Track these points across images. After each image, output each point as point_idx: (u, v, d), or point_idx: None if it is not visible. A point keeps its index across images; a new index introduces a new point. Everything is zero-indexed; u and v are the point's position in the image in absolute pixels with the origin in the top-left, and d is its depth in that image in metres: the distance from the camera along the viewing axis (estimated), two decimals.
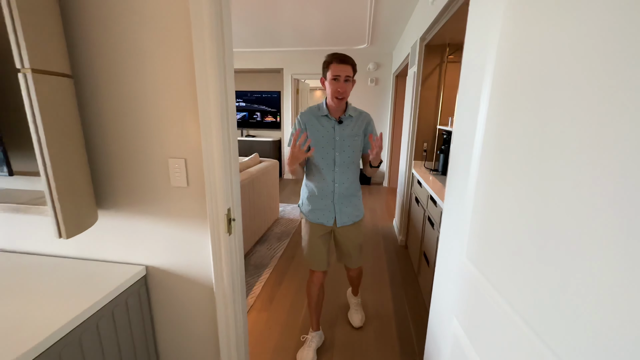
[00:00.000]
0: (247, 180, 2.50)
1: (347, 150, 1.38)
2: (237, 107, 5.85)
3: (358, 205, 1.49)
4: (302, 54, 5.04)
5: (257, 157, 3.24)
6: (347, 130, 1.38)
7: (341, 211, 1.45)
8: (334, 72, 1.30)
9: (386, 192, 4.88)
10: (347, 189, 1.42)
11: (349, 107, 1.40)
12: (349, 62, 1.31)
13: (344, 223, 1.46)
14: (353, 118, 1.40)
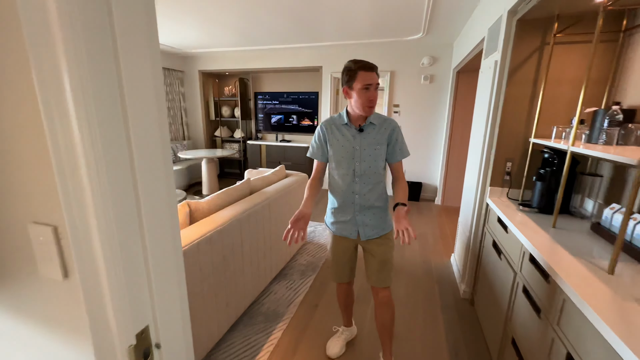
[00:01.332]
0: (262, 205, 1.96)
1: (368, 159, 1.33)
2: (273, 109, 5.44)
3: (384, 218, 1.40)
4: (343, 49, 4.43)
5: (283, 170, 2.70)
6: (368, 138, 1.32)
7: (364, 224, 1.38)
8: (364, 80, 1.24)
9: (439, 212, 4.05)
10: (368, 200, 1.36)
11: (372, 115, 1.32)
12: (375, 69, 1.27)
13: (368, 237, 1.40)
14: (375, 126, 1.33)
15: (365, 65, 1.24)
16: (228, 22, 3.37)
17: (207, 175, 4.51)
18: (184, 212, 1.58)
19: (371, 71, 1.25)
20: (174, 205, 0.58)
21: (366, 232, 1.39)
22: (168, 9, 3.00)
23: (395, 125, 1.36)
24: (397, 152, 1.35)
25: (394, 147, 1.34)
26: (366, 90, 1.24)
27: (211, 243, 1.46)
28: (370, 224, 1.38)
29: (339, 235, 1.45)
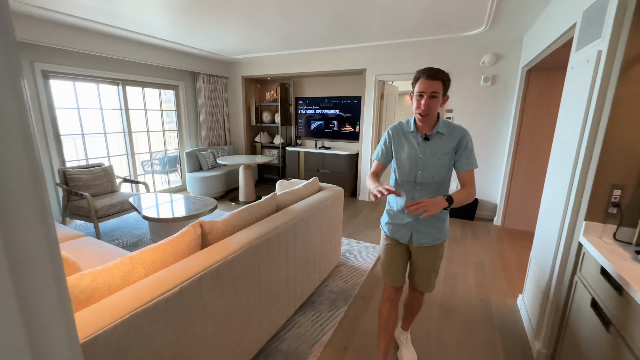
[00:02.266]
0: (287, 226, 1.70)
1: (431, 168, 1.31)
2: (313, 115, 5.24)
3: (441, 228, 1.39)
4: (390, 50, 4.06)
5: (317, 182, 2.43)
6: (433, 147, 1.30)
7: (419, 231, 1.39)
8: (419, 87, 1.23)
9: (499, 235, 3.44)
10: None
11: (439, 123, 1.30)
12: (439, 77, 1.21)
13: (421, 244, 1.39)
14: (444, 135, 1.30)
15: (427, 73, 1.22)
16: (269, 26, 3.23)
17: (244, 182, 4.43)
18: (194, 234, 1.38)
19: (430, 79, 1.21)
20: (54, 249, 0.32)
21: (420, 238, 1.39)
22: (212, 17, 2.95)
23: (464, 133, 1.30)
24: (464, 161, 1.30)
25: (461, 156, 1.31)
26: (419, 97, 1.24)
27: (218, 276, 1.23)
28: (426, 232, 1.38)
29: (391, 237, 1.46)
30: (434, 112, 1.26)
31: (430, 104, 1.23)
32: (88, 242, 2.07)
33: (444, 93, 1.24)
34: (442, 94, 1.23)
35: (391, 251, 1.47)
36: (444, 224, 1.39)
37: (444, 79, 1.22)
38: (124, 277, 1.10)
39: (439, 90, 1.21)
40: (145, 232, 3.29)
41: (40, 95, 3.26)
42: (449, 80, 1.25)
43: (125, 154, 4.30)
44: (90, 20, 3.09)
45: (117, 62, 3.91)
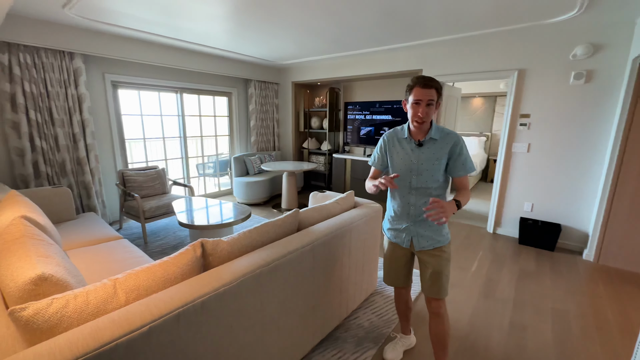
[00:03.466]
0: (303, 251, 1.45)
1: (425, 174, 1.35)
2: (362, 120, 4.93)
3: (439, 230, 1.41)
4: (450, 47, 3.55)
5: (352, 197, 2.14)
6: (427, 153, 1.35)
7: (418, 234, 1.42)
8: (415, 96, 1.28)
9: (591, 274, 2.68)
10: (423, 213, 1.35)
11: (432, 129, 1.35)
12: (433, 85, 1.27)
13: (422, 247, 1.42)
14: (437, 141, 1.34)
15: (422, 82, 1.26)
16: (317, 28, 3.07)
17: (286, 189, 4.33)
18: (192, 256, 1.22)
19: (425, 88, 1.26)
20: None
21: (420, 242, 1.42)
22: (263, 23, 2.92)
23: (457, 139, 1.35)
24: (459, 167, 1.34)
25: (456, 161, 1.34)
26: (416, 105, 1.29)
27: (204, 311, 1.04)
28: (425, 235, 1.41)
29: (394, 242, 1.52)
30: (430, 119, 1.31)
31: (427, 110, 1.27)
32: (121, 246, 2.11)
33: (437, 100, 1.29)
34: (436, 100, 1.28)
35: (391, 255, 1.55)
36: (443, 226, 1.41)
37: (438, 87, 1.28)
38: (100, 304, 0.97)
39: (434, 98, 1.27)
40: (187, 234, 3.37)
41: (109, 103, 3.60)
42: (441, 87, 1.30)
43: (180, 158, 4.56)
44: (154, 33, 3.31)
45: (177, 72, 4.16)
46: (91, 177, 3.38)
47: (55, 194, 2.53)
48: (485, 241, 3.37)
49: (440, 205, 1.15)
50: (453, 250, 3.11)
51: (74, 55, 3.13)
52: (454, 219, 4.07)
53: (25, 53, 2.84)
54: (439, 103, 1.31)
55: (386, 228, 1.56)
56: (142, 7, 2.53)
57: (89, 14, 2.69)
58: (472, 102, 7.02)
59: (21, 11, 2.60)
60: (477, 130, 7.07)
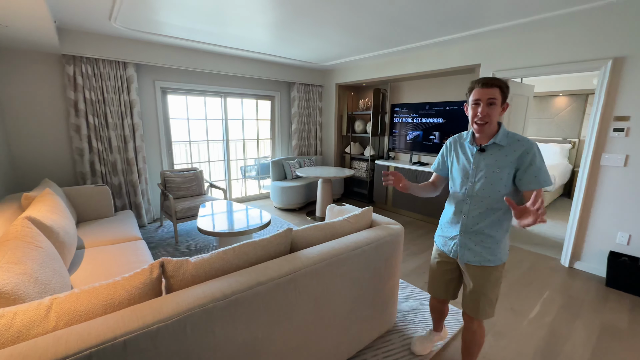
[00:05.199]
0: (279, 282, 1.21)
1: (483, 181, 1.26)
2: (409, 124, 4.45)
3: (492, 248, 1.27)
4: (516, 35, 2.92)
5: (369, 215, 1.83)
6: (488, 159, 1.25)
7: (466, 246, 1.32)
8: (474, 96, 1.22)
9: None
10: (477, 224, 1.28)
11: (499, 134, 1.23)
12: (495, 84, 1.19)
13: (467, 261, 1.33)
14: (502, 147, 1.23)
15: (482, 81, 1.20)
16: (359, 25, 2.83)
17: (321, 196, 4.12)
18: (147, 278, 1.08)
19: (486, 87, 1.19)
20: None
21: (465, 255, 1.33)
22: (305, 24, 2.83)
23: (529, 147, 1.19)
24: (531, 179, 1.18)
25: (526, 172, 1.19)
26: (475, 105, 1.23)
27: (130, 354, 0.87)
28: (474, 250, 1.30)
29: (440, 250, 1.46)
30: (493, 121, 1.21)
31: (489, 111, 1.19)
32: (135, 248, 2.14)
33: (502, 100, 1.20)
34: (500, 101, 1.19)
35: (438, 264, 1.48)
36: (498, 245, 1.28)
37: (502, 86, 1.19)
38: (23, 328, 0.88)
39: (495, 97, 1.18)
40: (214, 237, 3.39)
41: (158, 108, 3.86)
42: (507, 87, 1.21)
43: (222, 160, 4.71)
44: (199, 41, 3.45)
45: (221, 77, 4.30)
46: (138, 177, 3.65)
47: (96, 193, 2.75)
48: (556, 277, 2.66)
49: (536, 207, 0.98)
50: (508, 284, 2.51)
51: (127, 64, 3.41)
52: (514, 243, 3.35)
53: (86, 64, 3.18)
54: (505, 104, 1.22)
55: (437, 235, 1.51)
56: (181, 16, 2.60)
57: (133, 24, 2.87)
58: (554, 102, 5.88)
59: (73, 25, 2.88)
60: (560, 136, 5.89)
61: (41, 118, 3.14)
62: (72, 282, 1.67)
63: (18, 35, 2.44)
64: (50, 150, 3.23)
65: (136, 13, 2.57)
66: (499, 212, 1.25)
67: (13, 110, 2.99)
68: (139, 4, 2.37)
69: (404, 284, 2.47)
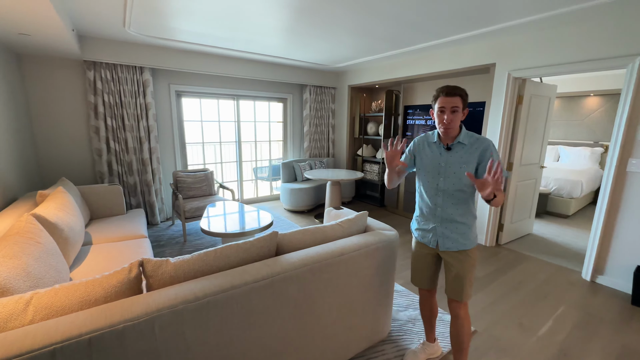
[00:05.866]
0: (248, 287, 1.20)
1: (452, 176, 1.40)
2: (423, 126, 4.32)
3: (466, 234, 1.44)
4: (534, 31, 2.75)
5: (364, 219, 1.79)
6: (455, 157, 1.40)
7: (444, 235, 1.46)
8: (440, 104, 1.36)
9: None
10: (451, 215, 1.43)
11: (461, 135, 1.40)
12: (457, 93, 1.33)
13: (447, 248, 1.46)
14: (465, 145, 1.40)
15: (445, 91, 1.33)
16: (372, 28, 2.81)
17: (329, 199, 4.08)
18: (125, 277, 1.11)
19: (449, 96, 1.33)
20: None
21: (445, 243, 1.45)
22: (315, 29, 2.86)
23: (488, 144, 1.37)
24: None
25: (486, 166, 1.31)
26: (441, 112, 1.36)
27: (95, 351, 0.89)
28: (451, 237, 1.44)
29: (421, 242, 1.56)
30: (455, 125, 1.37)
31: (452, 118, 1.34)
32: (137, 246, 2.22)
33: (463, 107, 1.36)
34: (462, 107, 1.35)
35: (418, 255, 1.59)
36: (469, 229, 1.43)
37: (462, 94, 1.34)
38: (1, 320, 0.93)
39: (458, 105, 1.33)
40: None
41: (173, 111, 4.00)
42: (466, 95, 1.36)
43: (235, 161, 4.80)
44: (213, 45, 3.55)
45: (234, 80, 4.38)
46: (152, 177, 3.80)
47: (109, 191, 2.88)
48: (574, 292, 2.46)
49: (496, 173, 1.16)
50: (520, 296, 2.36)
51: (144, 69, 3.56)
52: (531, 253, 3.14)
53: (105, 69, 3.35)
54: (465, 109, 1.38)
55: (414, 228, 1.60)
56: (194, 22, 2.69)
57: (147, 31, 2.99)
58: (584, 103, 5.49)
59: (92, 32, 3.04)
60: (591, 139, 5.50)
61: (65, 120, 3.35)
62: (73, 276, 1.75)
63: (41, 43, 2.62)
64: (73, 150, 3.44)
65: (148, 20, 2.67)
66: (466, 202, 1.42)
67: (40, 113, 3.21)
68: (148, 11, 2.47)
69: (405, 292, 2.38)
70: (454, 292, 1.46)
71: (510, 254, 3.14)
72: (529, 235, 3.72)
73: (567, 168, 4.91)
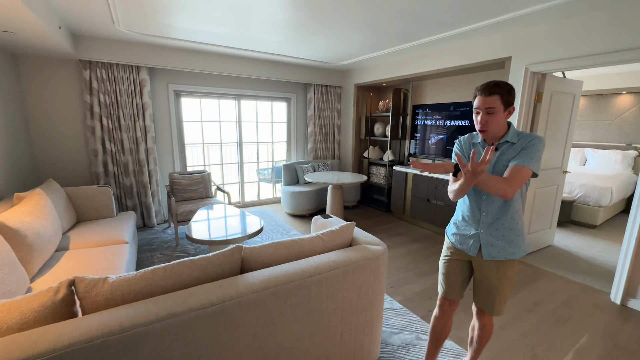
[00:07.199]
0: (190, 316, 1.02)
1: None
2: (432, 127, 4.03)
3: (514, 241, 1.30)
4: (554, 19, 2.45)
5: (349, 232, 1.58)
6: (502, 157, 1.28)
7: (489, 242, 1.32)
8: (476, 104, 1.27)
9: None
10: (497, 220, 1.31)
11: (509, 133, 1.29)
12: (494, 92, 1.21)
13: (493, 257, 1.32)
14: (514, 144, 1.28)
15: (481, 89, 1.24)
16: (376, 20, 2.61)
17: (330, 203, 3.88)
18: (47, 300, 0.95)
19: (484, 95, 1.23)
20: None
21: (491, 252, 1.32)
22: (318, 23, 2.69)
23: (531, 139, 1.24)
24: (518, 157, 1.23)
25: (518, 152, 1.24)
26: (476, 114, 1.28)
27: None
28: (497, 245, 1.32)
29: (457, 248, 1.42)
30: (493, 128, 1.26)
31: (488, 119, 1.24)
32: (114, 253, 2.10)
33: (505, 106, 1.23)
34: (502, 107, 1.22)
35: (451, 263, 1.45)
36: (519, 236, 1.31)
37: (502, 93, 1.21)
38: None
39: (494, 106, 1.21)
40: None
41: (171, 111, 3.92)
42: (508, 92, 1.22)
43: (236, 163, 4.68)
44: (212, 44, 3.44)
45: (236, 79, 4.26)
46: (149, 178, 3.72)
47: (97, 193, 2.80)
48: (601, 317, 2.14)
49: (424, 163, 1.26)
50: (536, 321, 2.06)
51: (140, 68, 3.49)
52: (551, 269, 2.81)
53: (101, 69, 3.30)
54: (512, 108, 1.25)
55: (450, 233, 1.47)
56: (186, 19, 2.57)
57: (140, 28, 2.90)
58: (615, 102, 5.02)
59: (84, 31, 2.97)
60: (623, 141, 5.01)
61: (61, 121, 3.32)
62: (35, 286, 1.64)
63: (31, 41, 2.56)
64: (69, 151, 3.41)
65: (137, 16, 2.57)
66: (512, 206, 1.29)
67: (36, 113, 3.19)
68: (131, 7, 2.36)
69: (402, 311, 2.14)
70: (485, 305, 1.39)
71: (526, 269, 2.83)
72: (549, 247, 3.36)
73: (594, 173, 4.47)
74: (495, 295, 1.34)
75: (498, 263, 1.32)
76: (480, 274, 1.38)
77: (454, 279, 1.44)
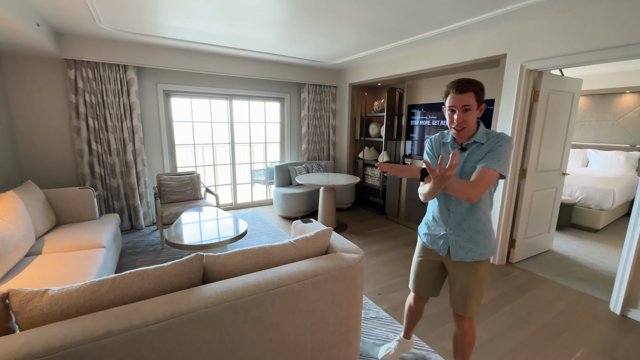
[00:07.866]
0: (140, 332, 0.93)
1: (466, 179, 1.26)
2: (428, 127, 3.93)
3: (482, 242, 1.30)
4: (552, 15, 2.33)
5: (325, 238, 1.47)
6: (470, 158, 1.27)
7: (457, 244, 1.33)
8: (450, 102, 1.24)
9: None
10: (464, 221, 1.31)
11: (478, 133, 1.27)
12: (469, 89, 1.19)
13: (460, 258, 1.33)
14: (482, 145, 1.26)
15: (456, 87, 1.20)
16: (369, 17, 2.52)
17: (322, 206, 3.79)
18: None
19: (460, 93, 1.20)
20: None
21: (458, 252, 1.33)
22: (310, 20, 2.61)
23: (501, 139, 1.23)
24: (485, 159, 1.21)
25: (487, 155, 1.22)
26: (451, 112, 1.25)
27: None
28: (465, 246, 1.32)
29: (429, 248, 1.44)
30: (469, 125, 1.24)
31: (465, 117, 1.22)
32: (87, 257, 2.02)
33: (478, 103, 1.22)
34: (476, 105, 1.21)
35: (423, 262, 1.48)
36: (486, 238, 1.31)
37: (476, 90, 1.20)
38: None
39: (470, 103, 1.20)
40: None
41: (160, 111, 3.85)
42: (481, 89, 1.22)
43: (229, 164, 4.60)
44: (203, 43, 3.37)
45: (227, 79, 4.18)
46: (136, 180, 3.65)
47: (80, 195, 2.73)
48: (599, 328, 2.02)
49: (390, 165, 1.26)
50: (530, 331, 1.95)
51: (127, 67, 3.42)
52: (548, 275, 2.68)
53: (87, 68, 3.23)
54: (482, 106, 1.24)
55: (422, 232, 1.49)
56: (172, 16, 2.49)
57: (124, 26, 2.83)
58: (619, 101, 4.87)
59: (67, 29, 2.91)
60: (627, 142, 4.86)
61: (46, 121, 3.26)
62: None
63: (6, 39, 2.49)
64: (55, 151, 3.34)
65: (119, 13, 2.50)
66: (480, 207, 1.28)
67: (21, 113, 3.13)
68: (111, 3, 2.28)
69: (389, 320, 2.04)
70: (458, 306, 1.38)
71: (522, 275, 2.71)
72: (547, 252, 3.24)
73: (596, 175, 4.33)
74: (466, 296, 1.34)
75: (467, 264, 1.33)
76: (452, 274, 1.40)
77: (424, 279, 1.49)
